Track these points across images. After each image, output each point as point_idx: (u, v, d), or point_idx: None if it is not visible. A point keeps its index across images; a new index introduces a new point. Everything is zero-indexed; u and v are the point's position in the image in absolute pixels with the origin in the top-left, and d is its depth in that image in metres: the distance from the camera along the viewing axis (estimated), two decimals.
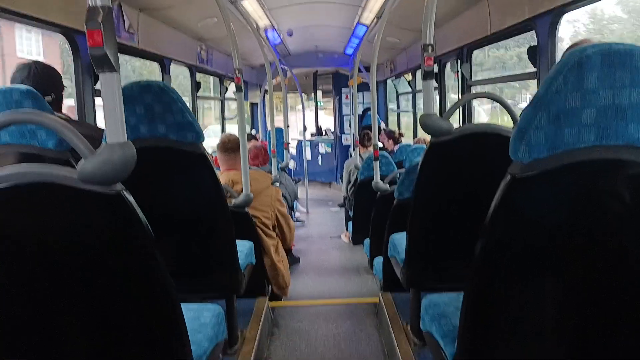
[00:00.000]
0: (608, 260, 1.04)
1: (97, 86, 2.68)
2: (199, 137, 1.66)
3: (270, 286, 2.97)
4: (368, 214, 3.53)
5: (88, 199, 0.93)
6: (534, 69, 2.79)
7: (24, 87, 1.51)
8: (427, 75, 1.78)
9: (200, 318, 1.49)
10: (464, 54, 3.94)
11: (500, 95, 1.91)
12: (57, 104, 1.92)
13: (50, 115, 0.97)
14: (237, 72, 2.49)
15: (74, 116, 2.57)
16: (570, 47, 2.08)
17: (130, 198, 0.95)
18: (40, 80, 1.85)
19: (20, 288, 1.00)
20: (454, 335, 1.36)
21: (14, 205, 0.95)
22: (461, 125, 4.05)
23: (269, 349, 2.55)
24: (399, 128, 7.37)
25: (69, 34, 2.48)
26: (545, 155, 0.96)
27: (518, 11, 2.84)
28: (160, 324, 1.08)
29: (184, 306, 1.14)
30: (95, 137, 1.54)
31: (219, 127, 6.23)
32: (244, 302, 2.61)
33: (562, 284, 1.07)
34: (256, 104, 8.22)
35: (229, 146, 2.83)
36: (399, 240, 2.33)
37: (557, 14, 2.52)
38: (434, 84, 1.87)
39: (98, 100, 2.67)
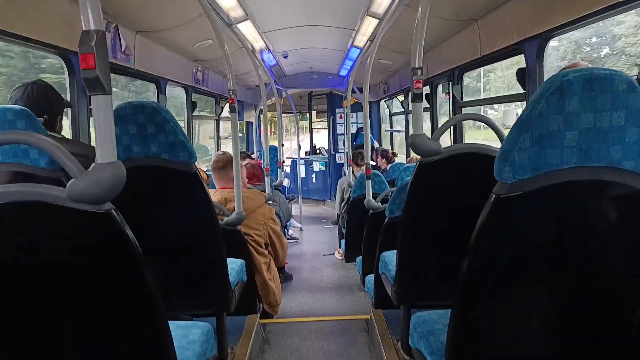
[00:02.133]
0: (591, 278, 1.06)
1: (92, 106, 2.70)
2: (192, 156, 1.68)
3: (261, 304, 2.97)
4: (360, 231, 3.54)
5: (77, 218, 0.94)
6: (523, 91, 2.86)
7: (17, 107, 1.53)
8: (416, 98, 1.82)
9: (189, 335, 1.50)
10: (454, 75, 4.02)
11: (487, 117, 1.96)
12: (51, 124, 1.94)
13: (40, 135, 0.98)
14: (231, 93, 2.54)
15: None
16: (564, 69, 2.15)
17: (120, 217, 0.97)
18: (35, 100, 1.87)
19: (8, 305, 1.01)
20: (442, 353, 1.38)
21: (3, 223, 0.96)
22: (452, 144, 4.11)
23: None
24: (392, 147, 7.43)
25: (65, 54, 2.52)
26: (528, 176, 0.99)
27: (507, 35, 2.92)
28: (148, 341, 1.09)
29: (174, 324, 1.16)
30: (88, 156, 1.57)
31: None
32: (235, 320, 2.61)
33: (547, 301, 1.09)
34: (251, 123, 8.28)
35: (222, 165, 2.86)
36: (390, 258, 2.34)
37: (544, 38, 2.60)
38: (425, 104, 1.91)
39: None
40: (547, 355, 1.13)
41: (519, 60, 2.93)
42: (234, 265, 2.28)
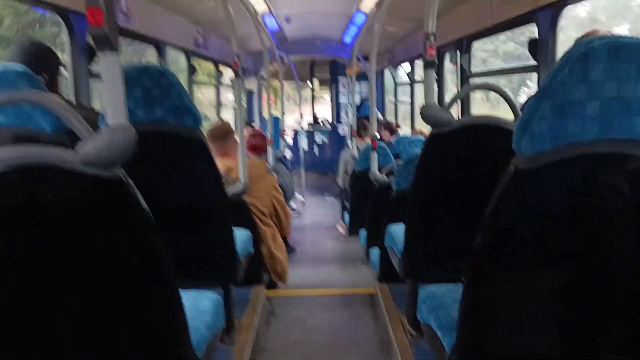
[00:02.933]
0: (608, 253, 1.04)
1: (92, 69, 2.63)
2: (198, 121, 1.63)
3: (267, 274, 2.97)
4: (364, 205, 3.52)
5: (88, 182, 0.91)
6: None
7: (19, 67, 1.47)
8: (428, 65, 1.76)
9: (199, 306, 1.48)
10: (463, 45, 3.92)
11: (501, 87, 1.90)
12: (51, 85, 1.88)
13: (50, 96, 0.94)
14: (235, 57, 2.46)
15: None
16: (581, 37, 2.07)
17: (130, 182, 0.94)
18: (33, 59, 1.80)
19: (16, 272, 0.98)
20: (452, 327, 1.37)
21: (11, 186, 0.92)
22: (459, 116, 4.05)
23: (266, 337, 2.56)
24: (395, 119, 7.35)
25: (64, 13, 2.43)
26: (548, 148, 0.95)
27: (519, 3, 2.82)
28: (159, 310, 1.07)
29: (183, 293, 1.13)
30: (91, 119, 1.52)
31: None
32: (241, 291, 2.61)
33: (562, 276, 1.07)
34: (252, 92, 8.16)
35: (220, 133, 2.80)
36: (397, 231, 2.32)
37: (558, 7, 2.51)
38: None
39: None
40: (560, 334, 1.12)
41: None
42: (240, 235, 2.26)
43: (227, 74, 6.18)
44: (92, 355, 1.05)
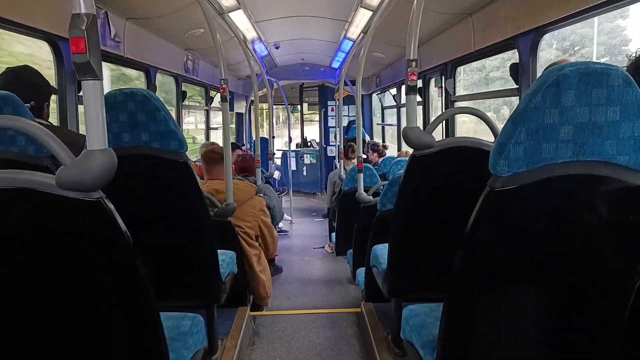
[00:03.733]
0: (584, 270, 1.07)
1: (81, 93, 2.66)
2: (182, 145, 1.66)
3: (251, 296, 2.96)
4: (351, 225, 3.54)
5: (67, 205, 0.92)
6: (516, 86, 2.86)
7: (3, 92, 1.50)
8: (410, 90, 1.81)
9: (180, 327, 1.48)
10: (447, 69, 4.02)
11: (481, 111, 1.95)
12: (38, 111, 1.90)
13: (30, 121, 0.96)
14: (222, 82, 2.50)
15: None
16: (549, 66, 2.15)
17: (110, 205, 0.95)
18: (23, 86, 1.83)
19: None
20: (433, 345, 1.38)
21: None
22: (443, 138, 4.12)
23: (250, 357, 2.54)
24: (383, 140, 7.43)
25: (53, 40, 2.46)
26: (523, 170, 0.99)
27: (501, 30, 2.92)
28: (139, 332, 1.07)
29: (164, 315, 1.14)
30: (77, 143, 1.54)
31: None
32: (225, 312, 2.59)
33: (539, 293, 1.09)
34: (242, 114, 8.21)
35: (213, 156, 2.83)
36: (381, 251, 2.34)
37: (538, 33, 2.60)
38: (417, 98, 1.90)
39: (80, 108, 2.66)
40: (539, 350, 1.14)
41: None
42: (225, 257, 2.26)
43: (218, 97, 6.23)
44: None
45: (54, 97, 2.34)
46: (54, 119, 2.32)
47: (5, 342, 1.02)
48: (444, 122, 4.02)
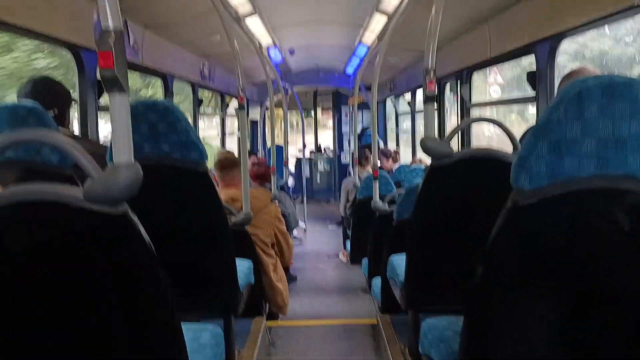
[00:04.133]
0: (607, 287, 1.05)
1: (101, 102, 2.69)
2: (202, 156, 1.66)
3: (267, 305, 2.95)
4: (366, 233, 3.52)
5: (93, 219, 0.93)
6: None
7: (29, 103, 1.52)
8: (428, 99, 1.80)
9: (200, 339, 1.48)
10: (463, 76, 3.99)
11: (500, 121, 1.93)
12: (61, 119, 1.94)
13: (58, 134, 0.97)
14: (240, 91, 2.51)
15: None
16: (567, 74, 2.12)
17: (135, 218, 0.96)
18: (45, 95, 1.87)
19: (20, 307, 0.99)
20: (452, 359, 1.36)
21: (18, 222, 0.95)
22: (459, 146, 4.09)
23: None
24: (397, 145, 7.41)
25: (75, 49, 2.50)
26: (546, 184, 0.97)
27: (518, 36, 2.89)
28: (161, 345, 1.07)
29: (183, 326, 1.14)
30: (99, 153, 1.56)
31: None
32: (241, 322, 2.59)
33: (561, 310, 1.07)
34: (256, 122, 8.25)
35: (227, 163, 2.84)
36: (398, 261, 2.32)
37: (556, 39, 2.57)
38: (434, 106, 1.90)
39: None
40: None
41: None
42: (242, 266, 2.26)
43: (233, 103, 6.28)
44: None
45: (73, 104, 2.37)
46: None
47: (28, 353, 1.02)
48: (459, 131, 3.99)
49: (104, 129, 2.97)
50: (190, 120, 1.76)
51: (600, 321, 1.07)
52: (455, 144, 4.01)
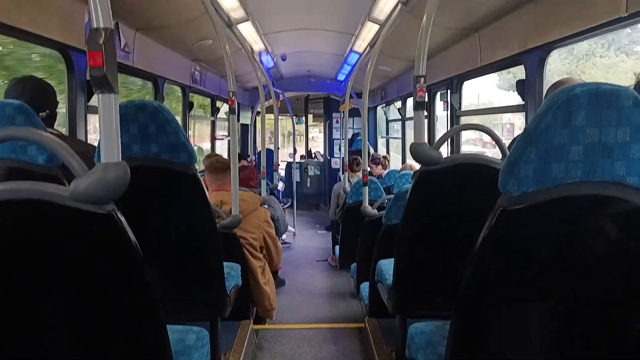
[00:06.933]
0: (593, 291, 1.06)
1: (90, 103, 2.68)
2: (192, 158, 1.66)
3: (254, 308, 2.94)
4: (355, 238, 3.53)
5: (79, 218, 0.92)
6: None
7: (17, 102, 1.51)
8: (418, 106, 1.81)
9: (185, 340, 1.47)
10: (453, 84, 4.03)
11: (489, 128, 1.95)
12: (50, 120, 1.92)
13: (45, 133, 0.97)
14: (231, 94, 2.52)
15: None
16: (555, 83, 2.15)
17: (122, 218, 0.95)
18: (36, 96, 1.85)
19: (4, 305, 0.98)
20: None
21: (3, 220, 0.94)
22: (448, 153, 4.12)
23: None
24: (387, 152, 7.44)
25: (65, 50, 2.49)
26: (533, 189, 0.98)
27: (508, 46, 2.93)
28: (145, 346, 1.07)
29: (169, 328, 1.13)
30: (87, 153, 1.55)
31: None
32: (228, 325, 2.58)
33: (548, 315, 1.08)
34: (247, 125, 8.25)
35: (218, 166, 2.84)
36: (386, 266, 2.33)
37: (545, 50, 2.61)
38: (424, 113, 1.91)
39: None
40: None
41: None
42: (230, 269, 2.25)
43: (224, 107, 6.28)
44: None
45: (61, 105, 2.36)
46: (58, 126, 2.32)
47: (11, 351, 1.01)
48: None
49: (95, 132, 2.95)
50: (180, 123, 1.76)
51: (587, 325, 1.08)
52: (444, 152, 4.04)
